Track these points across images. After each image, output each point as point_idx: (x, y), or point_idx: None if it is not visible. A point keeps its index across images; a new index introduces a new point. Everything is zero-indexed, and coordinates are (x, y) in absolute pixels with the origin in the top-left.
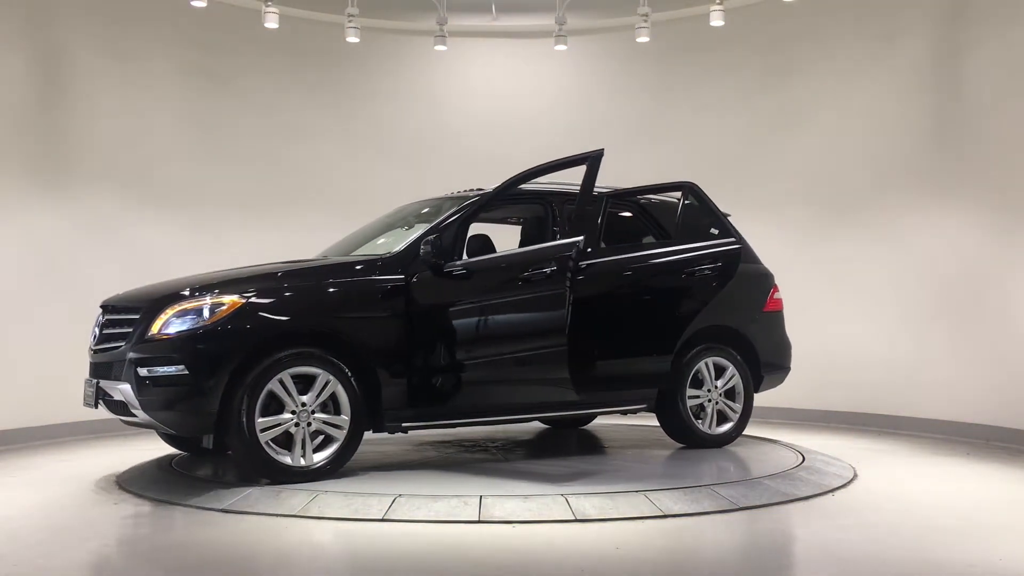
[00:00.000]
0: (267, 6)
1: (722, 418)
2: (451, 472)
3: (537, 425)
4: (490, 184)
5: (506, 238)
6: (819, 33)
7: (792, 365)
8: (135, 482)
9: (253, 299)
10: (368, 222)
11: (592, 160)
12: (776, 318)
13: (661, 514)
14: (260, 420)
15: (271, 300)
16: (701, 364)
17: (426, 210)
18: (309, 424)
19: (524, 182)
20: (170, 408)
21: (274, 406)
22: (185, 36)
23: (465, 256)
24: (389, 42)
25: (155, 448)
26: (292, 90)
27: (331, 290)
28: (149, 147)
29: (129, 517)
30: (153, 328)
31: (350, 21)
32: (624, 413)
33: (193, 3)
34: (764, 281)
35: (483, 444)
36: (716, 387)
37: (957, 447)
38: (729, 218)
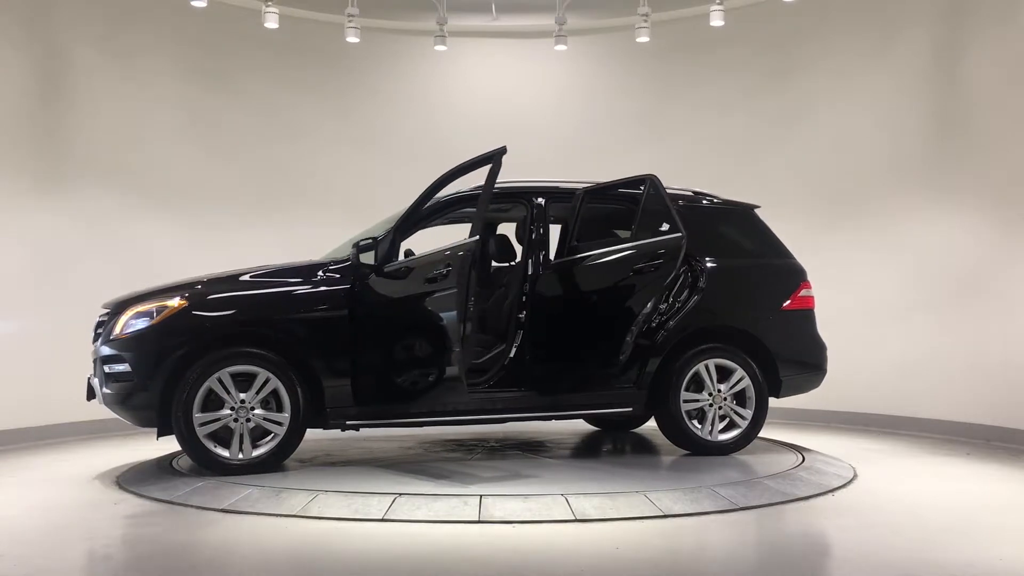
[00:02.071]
0: (267, 6)
1: (730, 424)
2: (451, 472)
3: (538, 425)
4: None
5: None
6: (819, 32)
7: (827, 367)
8: (135, 482)
9: (196, 301)
10: (375, 221)
11: (495, 159)
12: (801, 317)
13: (661, 514)
14: (198, 415)
15: (213, 302)
16: (700, 366)
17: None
18: (248, 420)
19: (437, 191)
20: (123, 403)
21: (219, 402)
22: (185, 36)
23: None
24: (389, 42)
25: (155, 448)
26: (292, 90)
27: (274, 293)
28: (149, 146)
29: (129, 517)
30: (116, 328)
31: (350, 21)
32: (606, 416)
33: (193, 3)
34: (786, 277)
35: (483, 444)
36: (719, 391)
37: (957, 447)
38: (758, 210)
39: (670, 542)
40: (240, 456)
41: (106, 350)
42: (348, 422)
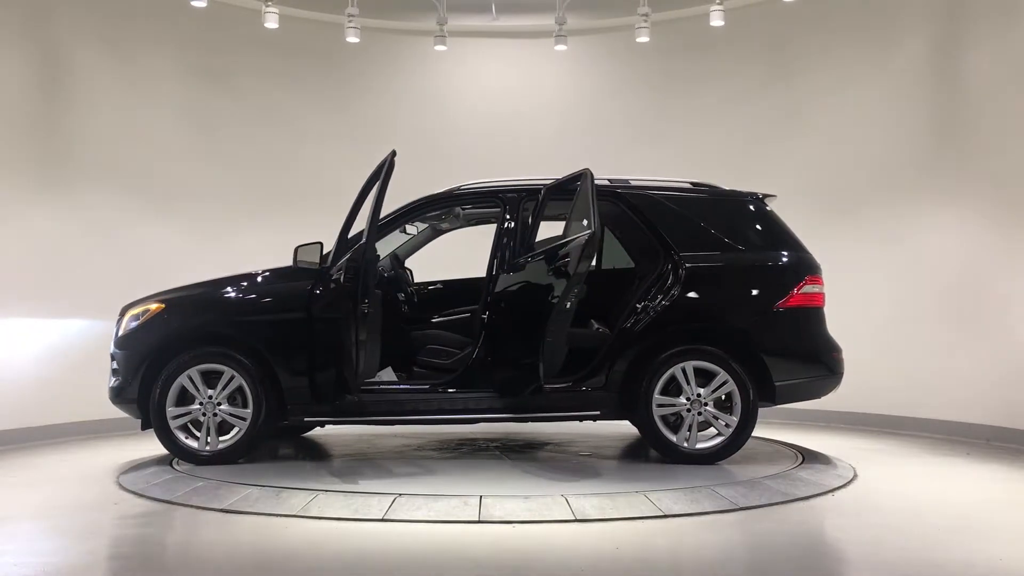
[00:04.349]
0: (267, 6)
1: (715, 431)
2: (451, 472)
3: (539, 426)
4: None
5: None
6: (819, 33)
7: (841, 369)
8: (135, 482)
9: (172, 304)
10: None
11: (387, 163)
12: (802, 315)
13: (661, 514)
14: (171, 409)
15: (185, 305)
16: (675, 369)
17: None
18: (215, 415)
19: (362, 202)
20: (116, 397)
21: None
22: (185, 36)
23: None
24: (389, 42)
25: (155, 448)
26: (292, 90)
27: (240, 296)
28: (149, 147)
29: (129, 517)
30: (119, 329)
31: (350, 21)
32: (569, 419)
33: (193, 3)
34: (784, 273)
35: (483, 444)
36: (699, 396)
37: (957, 447)
38: (769, 199)
39: (670, 542)
40: (207, 448)
41: (111, 348)
42: (307, 418)
